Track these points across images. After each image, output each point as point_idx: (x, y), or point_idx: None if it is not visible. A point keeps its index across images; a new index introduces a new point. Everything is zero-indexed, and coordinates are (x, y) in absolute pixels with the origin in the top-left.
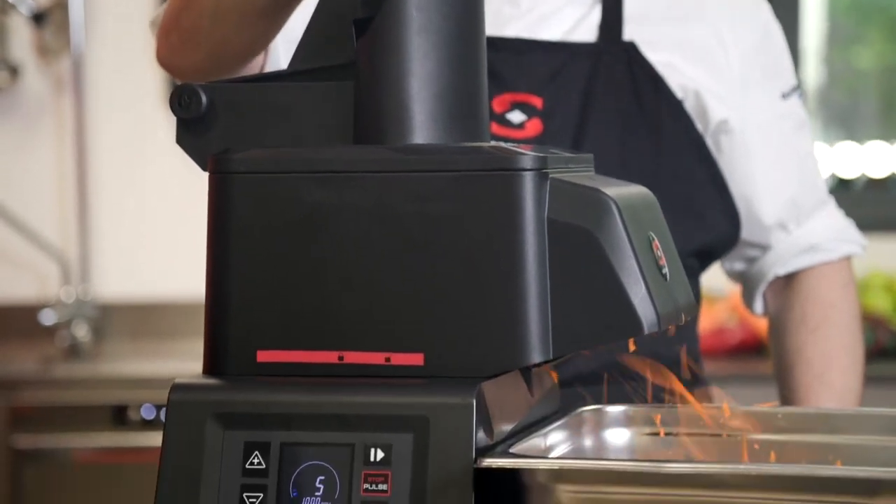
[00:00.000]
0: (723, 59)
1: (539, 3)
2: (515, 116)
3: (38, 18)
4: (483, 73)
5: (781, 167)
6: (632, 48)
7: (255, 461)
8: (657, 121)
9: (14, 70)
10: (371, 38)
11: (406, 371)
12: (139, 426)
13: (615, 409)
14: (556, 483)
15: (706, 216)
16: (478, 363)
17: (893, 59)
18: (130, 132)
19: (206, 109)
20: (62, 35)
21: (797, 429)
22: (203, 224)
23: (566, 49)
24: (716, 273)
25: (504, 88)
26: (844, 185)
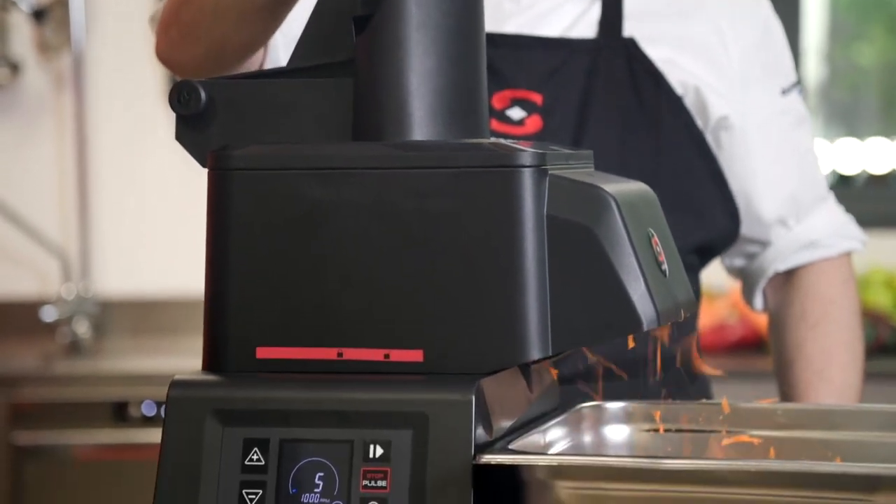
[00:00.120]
0: (723, 56)
1: (539, 0)
2: (515, 113)
3: (39, 15)
4: (483, 70)
5: (781, 163)
6: (632, 44)
7: (255, 457)
8: (657, 117)
9: (14, 67)
10: (370, 35)
11: (405, 367)
12: (140, 423)
13: (614, 406)
14: (556, 479)
15: (706, 212)
16: (477, 360)
17: (894, 56)
18: (131, 129)
19: (206, 106)
20: (63, 32)
21: (797, 425)
22: (203, 221)
23: (566, 45)
24: (716, 269)
25: (504, 85)
26: (845, 182)
